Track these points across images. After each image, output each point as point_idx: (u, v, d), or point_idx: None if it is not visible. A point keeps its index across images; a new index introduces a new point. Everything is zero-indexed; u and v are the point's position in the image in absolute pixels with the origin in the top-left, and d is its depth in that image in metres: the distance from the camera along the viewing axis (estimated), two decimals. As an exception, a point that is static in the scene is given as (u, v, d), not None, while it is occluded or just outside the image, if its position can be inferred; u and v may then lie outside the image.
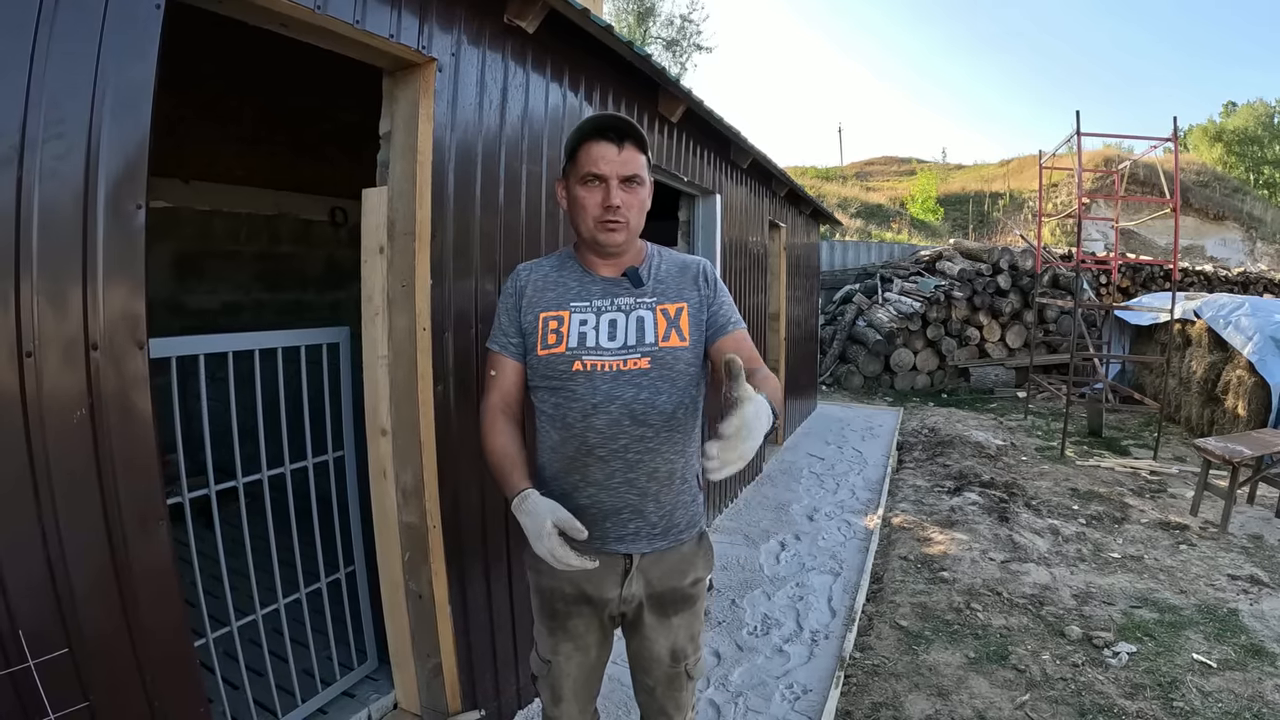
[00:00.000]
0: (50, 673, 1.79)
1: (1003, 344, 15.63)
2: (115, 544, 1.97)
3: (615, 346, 2.16)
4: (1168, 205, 10.68)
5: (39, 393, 1.79)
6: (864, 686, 4.00)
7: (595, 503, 2.20)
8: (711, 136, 6.19)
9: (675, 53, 30.14)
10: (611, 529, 2.22)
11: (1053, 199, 28.42)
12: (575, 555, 2.00)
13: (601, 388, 2.14)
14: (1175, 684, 4.03)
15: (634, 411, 2.14)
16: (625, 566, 2.25)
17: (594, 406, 2.14)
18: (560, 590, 2.30)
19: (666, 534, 2.26)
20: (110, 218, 1.92)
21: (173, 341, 2.48)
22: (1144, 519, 6.97)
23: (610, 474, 2.18)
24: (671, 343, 2.17)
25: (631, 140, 2.16)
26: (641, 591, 2.27)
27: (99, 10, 1.87)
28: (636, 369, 2.14)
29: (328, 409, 3.17)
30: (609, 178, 2.13)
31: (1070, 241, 23.74)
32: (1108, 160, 28.06)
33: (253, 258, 6.78)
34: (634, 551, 2.24)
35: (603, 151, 2.14)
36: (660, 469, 2.20)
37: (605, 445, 2.16)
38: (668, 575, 2.27)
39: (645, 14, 29.77)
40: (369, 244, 3.03)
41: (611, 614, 2.33)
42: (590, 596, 2.28)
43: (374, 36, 2.65)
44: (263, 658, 3.11)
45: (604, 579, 2.26)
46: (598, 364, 2.14)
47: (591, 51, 3.95)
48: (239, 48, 3.91)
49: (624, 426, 2.14)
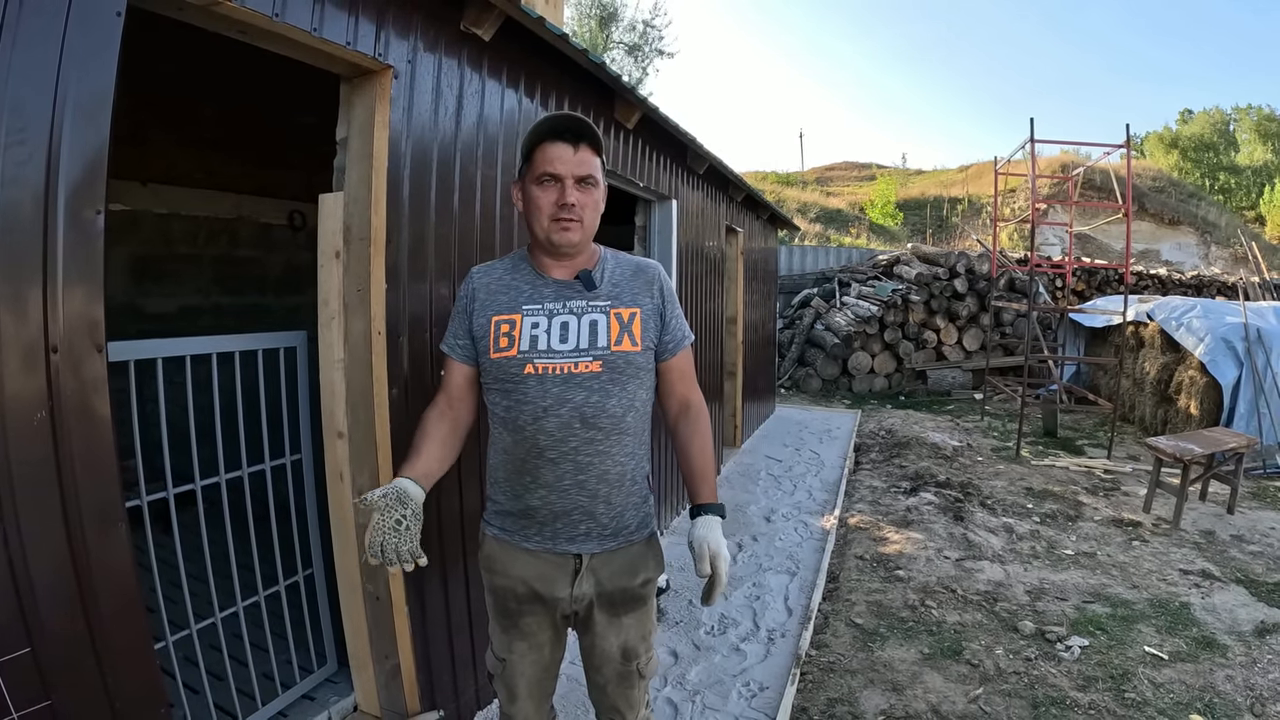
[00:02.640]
0: (12, 672, 1.80)
1: (960, 347, 15.76)
2: (75, 545, 1.98)
3: (567, 349, 2.18)
4: (1121, 210, 10.82)
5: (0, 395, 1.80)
6: (820, 683, 4.05)
7: (546, 504, 2.23)
8: (668, 142, 6.22)
9: (637, 57, 30.16)
10: (562, 529, 2.26)
11: (1010, 204, 28.69)
12: (375, 543, 2.03)
13: (552, 390, 2.16)
14: (1127, 676, 4.13)
15: (584, 415, 2.17)
16: (575, 566, 2.28)
17: (545, 409, 2.17)
18: (512, 590, 2.33)
19: (617, 535, 2.29)
20: (70, 223, 1.93)
21: (130, 345, 2.48)
22: (1097, 516, 7.10)
23: (560, 476, 2.21)
24: (624, 347, 2.20)
25: (586, 141, 2.20)
26: (591, 591, 2.30)
27: (61, 17, 1.88)
28: (588, 372, 2.17)
29: (285, 413, 3.18)
30: (564, 177, 2.17)
31: (1027, 246, 23.99)
32: (1064, 166, 28.31)
33: (211, 261, 6.72)
34: (584, 552, 2.27)
35: (558, 152, 2.17)
36: (610, 471, 2.23)
37: (556, 448, 2.18)
38: (617, 575, 2.30)
39: (608, 19, 29.74)
40: (325, 249, 3.05)
41: (564, 613, 2.35)
42: (541, 596, 2.30)
43: (331, 44, 2.67)
44: (222, 662, 3.11)
45: (554, 579, 2.29)
46: (549, 367, 2.17)
47: (548, 58, 3.97)
48: (197, 51, 3.90)
49: (574, 429, 2.17)
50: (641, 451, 2.33)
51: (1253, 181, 39.35)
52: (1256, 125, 43.73)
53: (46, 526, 1.92)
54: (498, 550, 2.37)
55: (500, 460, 2.32)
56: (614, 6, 29.94)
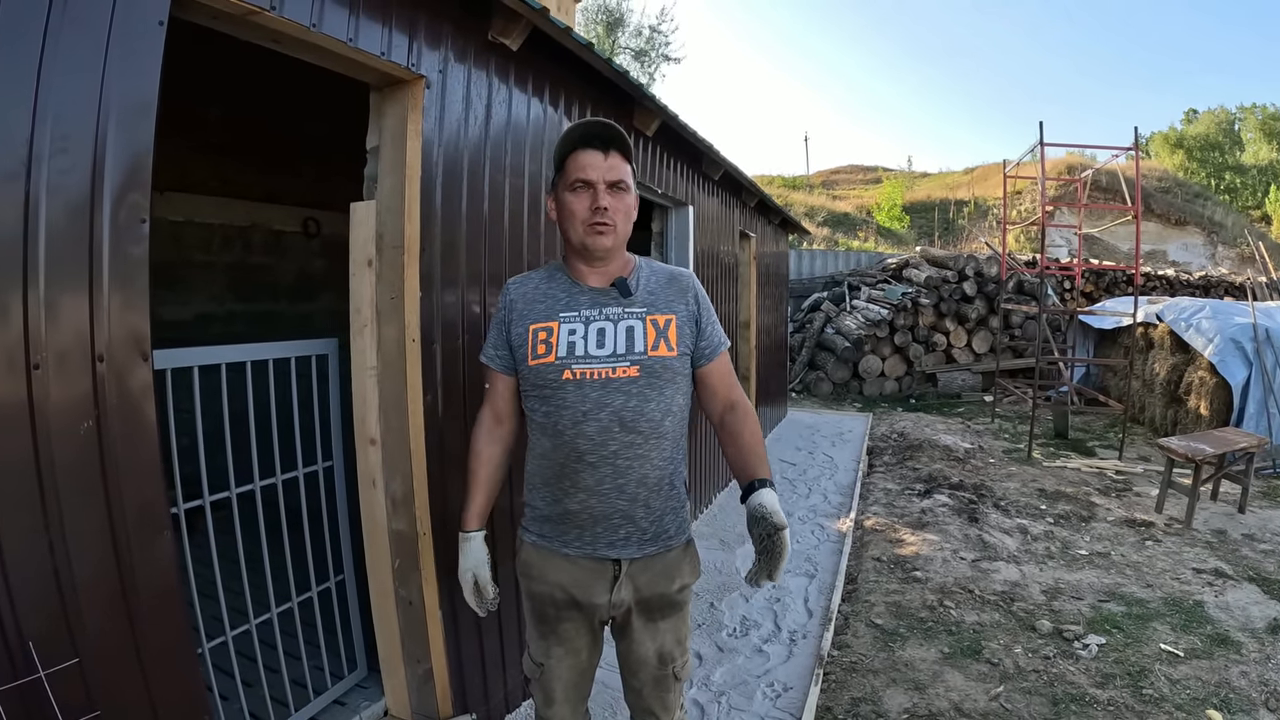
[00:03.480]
0: (61, 683, 1.80)
1: (969, 349, 15.74)
2: (121, 554, 1.99)
3: (604, 354, 2.20)
4: (1130, 212, 10.81)
5: (46, 404, 1.81)
6: (843, 683, 4.07)
7: (585, 508, 2.25)
8: (684, 149, 6.24)
9: (644, 63, 30.12)
10: (602, 534, 2.27)
11: (1017, 206, 28.63)
12: (479, 604, 2.41)
13: (591, 395, 2.18)
14: (1144, 673, 4.14)
15: (623, 419, 2.19)
16: (614, 573, 2.29)
17: (584, 414, 2.19)
18: (550, 596, 2.35)
19: (656, 539, 2.30)
20: (115, 232, 1.94)
21: (169, 354, 2.50)
22: (1110, 517, 7.09)
23: (600, 480, 2.22)
24: (660, 352, 2.22)
25: (616, 147, 2.23)
26: (630, 597, 2.31)
27: (104, 27, 1.89)
28: (625, 377, 2.19)
29: (316, 420, 3.20)
30: (596, 183, 2.19)
31: (1035, 248, 23.94)
32: (1071, 168, 28.26)
33: (225, 268, 6.73)
34: (624, 557, 2.28)
35: (590, 158, 2.20)
36: (650, 475, 2.25)
37: (595, 452, 2.20)
38: (655, 581, 2.31)
39: (614, 24, 29.73)
40: (357, 257, 3.06)
41: (601, 619, 2.37)
42: (580, 602, 2.32)
43: (366, 54, 2.70)
44: (253, 668, 3.13)
45: (593, 585, 2.30)
46: (587, 372, 2.19)
47: (570, 67, 3.99)
48: (210, 59, 3.93)
49: (614, 433, 2.19)
50: (679, 456, 2.35)
51: (1259, 181, 39.18)
52: (1262, 124, 43.52)
53: (92, 536, 1.93)
54: (535, 556, 2.39)
55: (538, 466, 2.34)
56: (620, 12, 29.96)
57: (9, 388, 1.75)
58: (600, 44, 29.19)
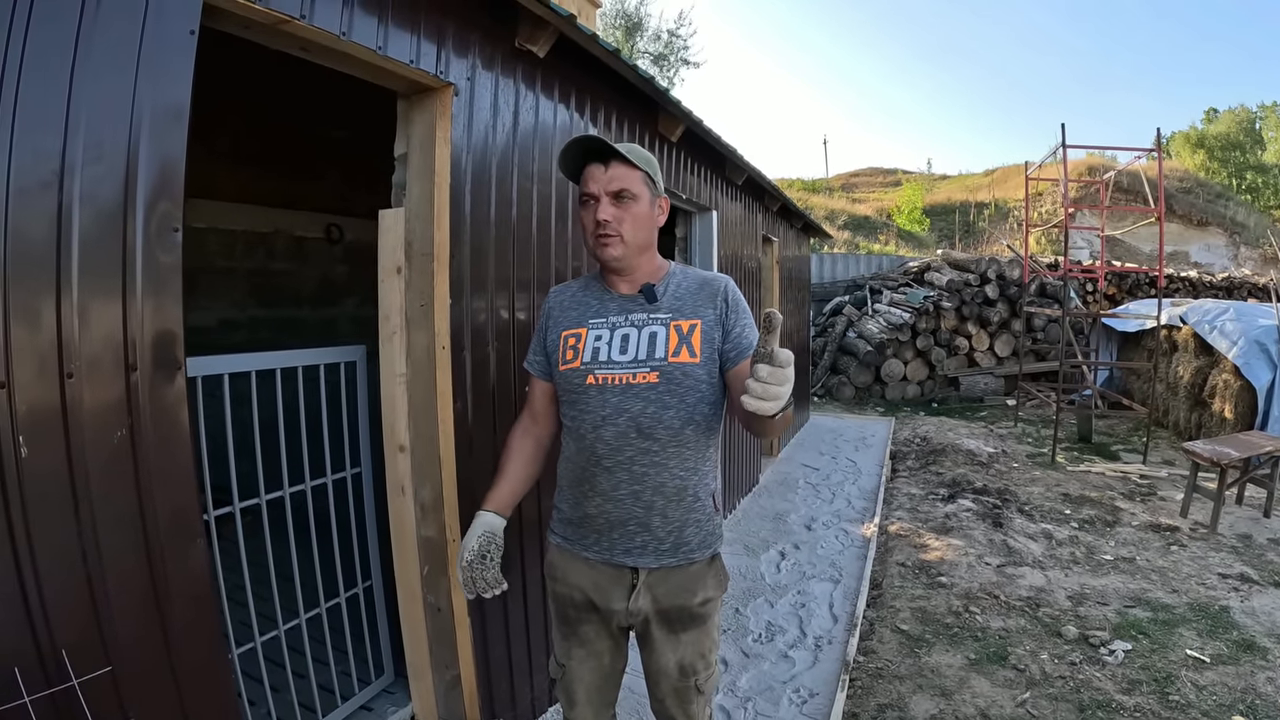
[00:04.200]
0: (94, 691, 1.80)
1: (991, 353, 15.66)
2: (154, 562, 1.99)
3: (626, 360, 2.21)
4: (1152, 213, 10.75)
5: (80, 413, 1.81)
6: (869, 689, 4.06)
7: (602, 513, 2.26)
8: (707, 154, 6.24)
9: (663, 67, 30.08)
10: (619, 540, 2.27)
11: (1038, 208, 28.52)
12: (463, 578, 2.32)
13: (611, 400, 2.20)
14: (1170, 679, 4.12)
15: (640, 425, 2.19)
16: (632, 581, 2.29)
17: (603, 419, 2.20)
18: (570, 597, 2.37)
19: (676, 551, 2.28)
20: (148, 240, 1.95)
21: (199, 361, 2.51)
22: (1135, 521, 7.06)
23: (616, 485, 2.23)
24: (682, 358, 2.21)
25: (616, 158, 2.23)
26: (649, 607, 2.30)
27: (135, 36, 1.90)
28: (644, 383, 2.19)
29: (345, 426, 3.22)
30: (598, 195, 2.21)
31: (1056, 250, 23.83)
32: (1092, 169, 28.07)
33: (247, 274, 6.78)
34: (641, 565, 2.27)
35: (592, 172, 2.24)
36: (668, 484, 2.24)
37: (611, 457, 2.21)
38: (675, 593, 2.30)
39: (633, 28, 29.71)
40: (386, 264, 3.07)
41: (620, 624, 2.36)
42: (597, 605, 2.33)
43: (395, 62, 2.70)
44: (281, 674, 3.14)
45: (610, 590, 2.31)
46: (609, 377, 2.20)
47: (595, 73, 4.00)
48: (232, 65, 3.94)
49: (630, 439, 2.20)
50: (705, 468, 2.33)
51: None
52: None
53: (126, 544, 1.94)
54: (559, 558, 2.42)
55: (565, 468, 2.37)
56: (639, 16, 29.95)
57: (43, 396, 1.75)
58: (619, 48, 29.13)
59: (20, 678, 1.68)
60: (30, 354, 1.73)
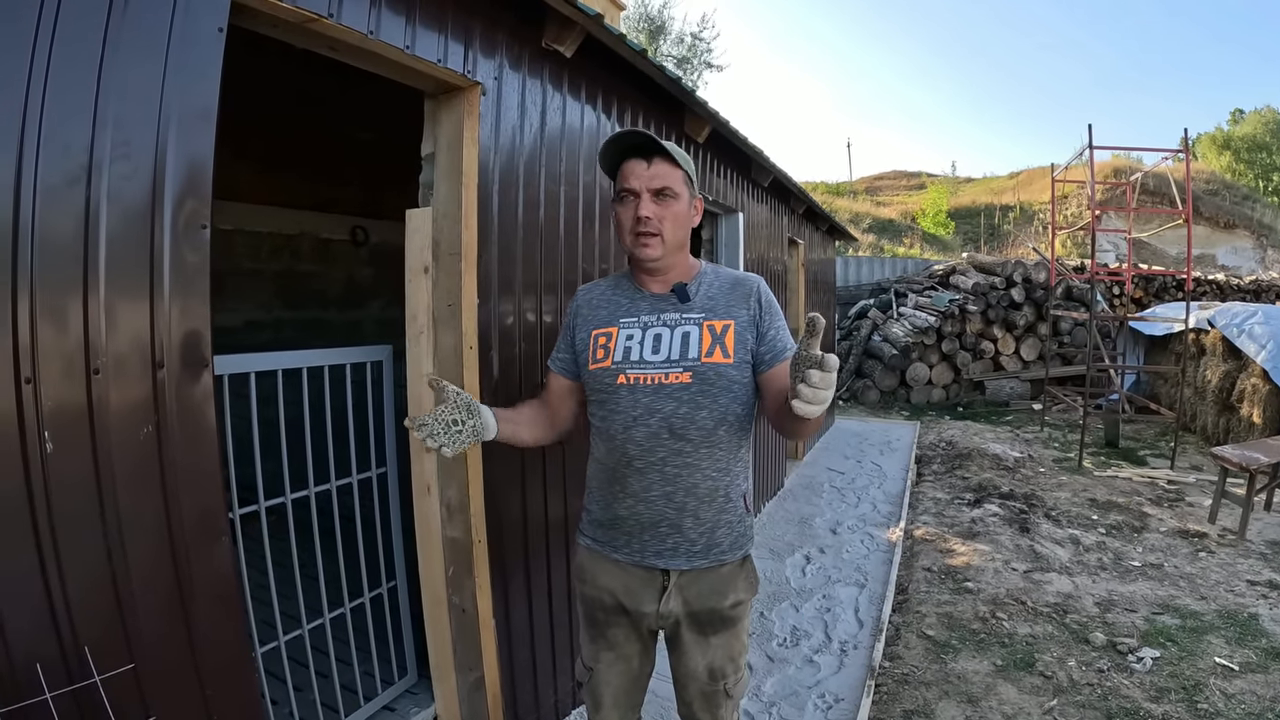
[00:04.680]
0: (116, 687, 1.80)
1: (1017, 357, 15.56)
2: (179, 559, 1.99)
3: (658, 360, 2.19)
4: (1179, 215, 10.67)
5: (106, 410, 1.82)
6: (894, 695, 4.03)
7: (633, 514, 2.24)
8: (733, 156, 6.24)
9: (686, 70, 29.99)
10: (650, 542, 2.25)
11: (1063, 211, 28.37)
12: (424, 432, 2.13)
13: (642, 400, 2.18)
14: (1199, 687, 4.07)
15: (673, 425, 2.17)
16: (663, 583, 2.27)
17: (634, 419, 2.18)
18: (599, 600, 2.35)
19: (708, 552, 2.26)
20: (176, 237, 1.96)
21: (226, 359, 2.51)
22: (1163, 527, 6.98)
23: (647, 486, 2.21)
24: (715, 359, 2.18)
25: (660, 154, 2.21)
26: (679, 609, 2.28)
27: (163, 34, 1.91)
28: (677, 383, 2.17)
29: (371, 426, 3.21)
30: (639, 192, 2.19)
31: (1081, 253, 23.68)
32: (1117, 171, 27.93)
33: (273, 276, 6.80)
34: (672, 567, 2.25)
35: (633, 167, 2.21)
36: (700, 485, 2.22)
37: (643, 458, 2.19)
38: (706, 595, 2.28)
39: (656, 31, 29.66)
40: (413, 264, 3.07)
41: (650, 627, 2.35)
42: (627, 608, 2.31)
43: (423, 61, 2.70)
44: (304, 673, 3.15)
45: (640, 593, 2.29)
46: (640, 377, 2.18)
47: (622, 74, 4.00)
48: (255, 66, 3.95)
49: (662, 439, 2.17)
50: (737, 469, 2.31)
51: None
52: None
53: (150, 541, 1.94)
54: (588, 560, 2.39)
55: (594, 470, 2.35)
56: (662, 20, 29.91)
57: (69, 393, 1.76)
58: (646, 50, 29.16)
59: (42, 673, 1.69)
60: (57, 351, 1.74)
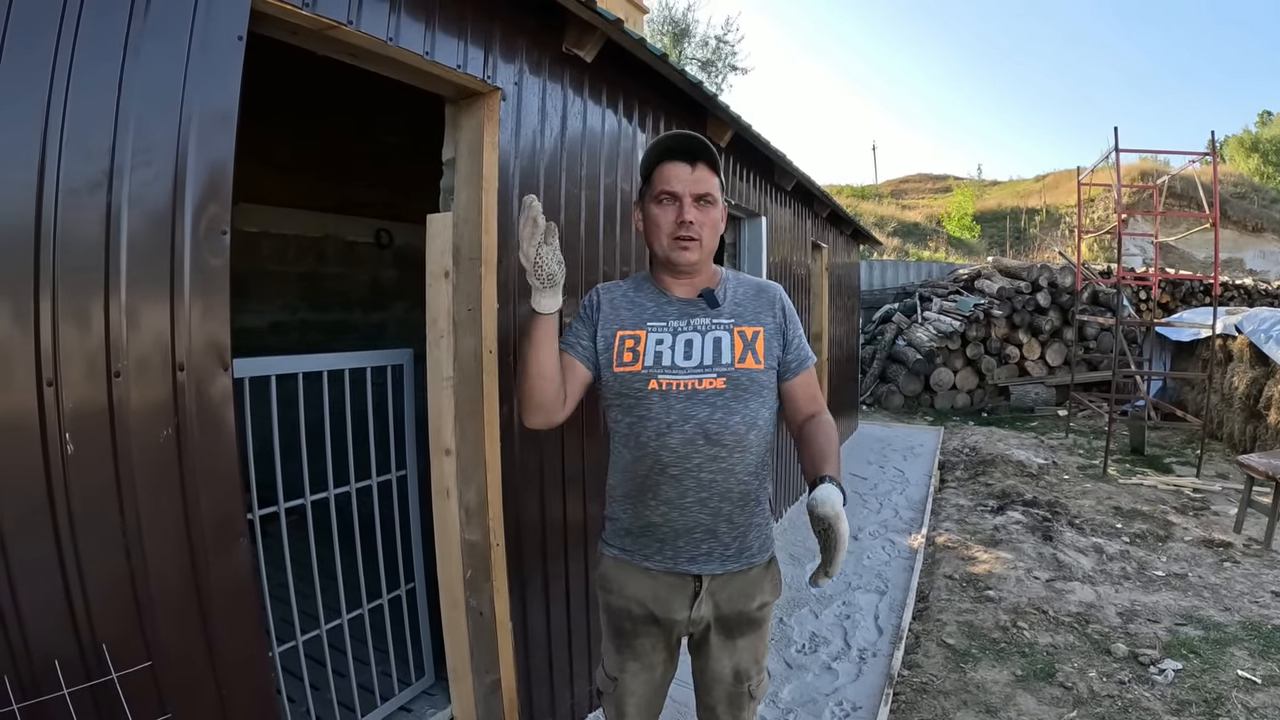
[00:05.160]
0: (133, 685, 1.82)
1: (1043, 362, 15.48)
2: (198, 560, 2.01)
3: (691, 365, 2.18)
4: (1207, 219, 10.59)
5: (126, 411, 1.84)
6: (913, 704, 4.01)
7: (667, 521, 2.22)
8: (756, 159, 6.23)
9: (710, 74, 29.96)
10: (684, 548, 2.24)
11: (1089, 214, 28.19)
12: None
13: (676, 406, 2.16)
14: (1220, 700, 4.03)
15: (708, 431, 2.16)
16: (695, 589, 2.26)
17: (668, 425, 2.16)
18: (628, 610, 2.33)
19: (740, 555, 2.26)
20: (197, 242, 1.97)
21: (246, 362, 2.52)
22: (1187, 537, 6.93)
23: (683, 493, 2.19)
24: (747, 364, 2.19)
25: (704, 160, 2.20)
26: (710, 614, 2.28)
27: (183, 42, 1.93)
28: (711, 389, 2.16)
29: (391, 429, 3.23)
30: (682, 195, 2.17)
31: (1108, 257, 23.53)
32: (1144, 174, 27.75)
33: (298, 278, 6.84)
34: (706, 572, 2.24)
35: (676, 171, 2.18)
36: (734, 489, 2.21)
37: (679, 464, 2.17)
38: (735, 598, 2.28)
39: (680, 35, 29.63)
40: (434, 269, 3.08)
41: (679, 635, 2.35)
42: (658, 618, 2.29)
43: (442, 67, 2.72)
44: (321, 672, 3.17)
45: (672, 600, 2.28)
46: (673, 383, 2.17)
47: (643, 78, 4.00)
48: (279, 71, 3.98)
49: (698, 445, 2.16)
50: (764, 472, 2.31)
51: (1337, 184, 38.19)
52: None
53: (170, 541, 1.96)
54: (615, 570, 2.37)
55: (620, 478, 2.32)
56: (686, 23, 29.90)
57: (90, 394, 1.78)
58: (667, 54, 29.11)
59: (60, 670, 1.71)
60: (79, 353, 1.75)
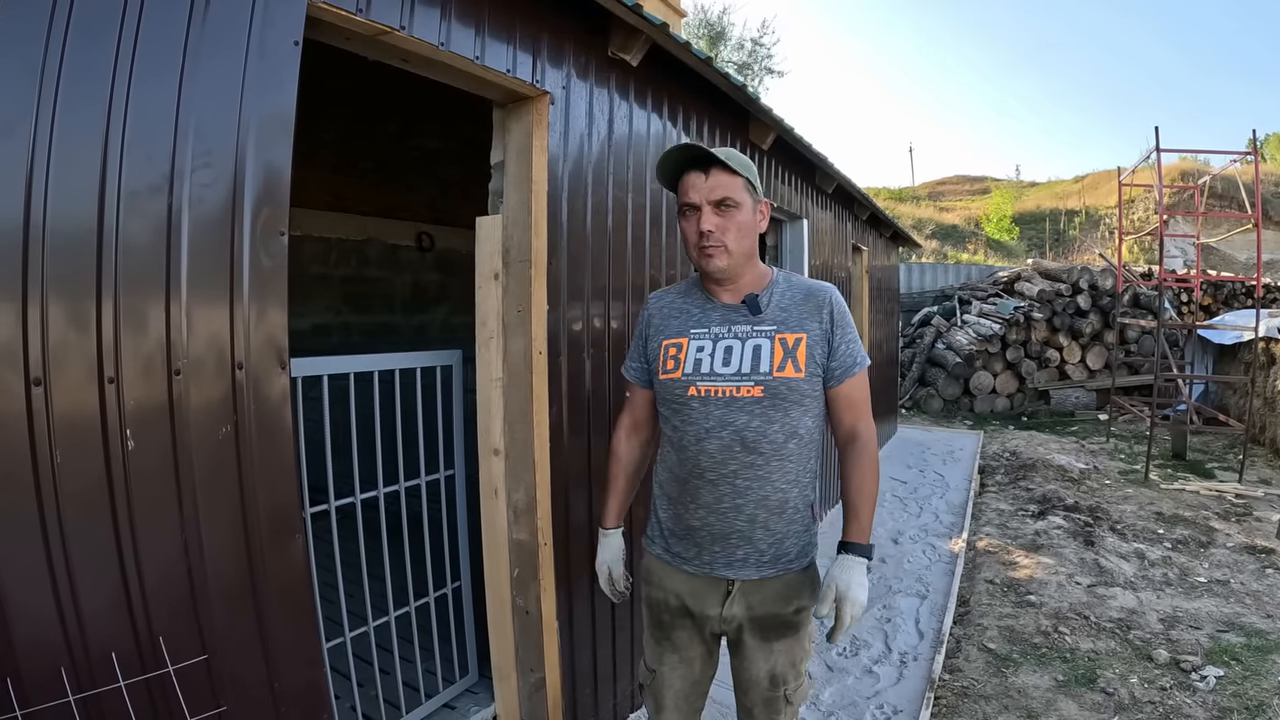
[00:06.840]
0: (189, 678, 1.86)
1: (1083, 365, 15.32)
2: (254, 555, 2.05)
3: (729, 373, 2.19)
4: (1249, 219, 10.47)
5: (186, 409, 1.88)
6: (954, 708, 4.00)
7: (705, 525, 2.25)
8: (798, 162, 6.23)
9: (746, 76, 29.87)
10: (720, 553, 2.26)
11: (1129, 215, 27.89)
12: (612, 592, 2.54)
13: (714, 413, 2.18)
14: (1262, 707, 3.99)
15: (745, 438, 2.17)
16: (727, 589, 2.28)
17: (706, 431, 2.19)
18: (665, 602, 2.37)
19: (776, 562, 2.27)
20: (255, 243, 2.01)
21: (300, 362, 2.56)
22: (1230, 543, 6.84)
23: (719, 498, 2.21)
24: (786, 373, 2.18)
25: (716, 165, 2.19)
26: (742, 614, 2.29)
27: (241, 47, 1.97)
28: (749, 396, 2.17)
29: (440, 429, 3.26)
30: (700, 205, 2.18)
31: (1148, 259, 23.28)
32: (1184, 174, 27.37)
33: (341, 281, 6.92)
34: (739, 577, 2.26)
35: (692, 181, 2.20)
36: (771, 497, 2.22)
37: (715, 470, 2.20)
38: (769, 601, 2.28)
39: (716, 38, 29.55)
40: (484, 271, 3.12)
41: (713, 630, 2.36)
42: (692, 611, 2.33)
43: (492, 72, 2.76)
44: (367, 669, 3.21)
45: (706, 596, 2.30)
46: (712, 389, 2.19)
47: (686, 81, 4.02)
48: (325, 74, 4.03)
49: (734, 453, 2.18)
50: (806, 479, 2.31)
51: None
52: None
53: (227, 536, 2.00)
54: (656, 564, 2.41)
55: (666, 478, 2.36)
56: (722, 25, 29.83)
57: (150, 392, 1.82)
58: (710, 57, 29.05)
59: (116, 662, 1.75)
60: (139, 352, 1.80)
